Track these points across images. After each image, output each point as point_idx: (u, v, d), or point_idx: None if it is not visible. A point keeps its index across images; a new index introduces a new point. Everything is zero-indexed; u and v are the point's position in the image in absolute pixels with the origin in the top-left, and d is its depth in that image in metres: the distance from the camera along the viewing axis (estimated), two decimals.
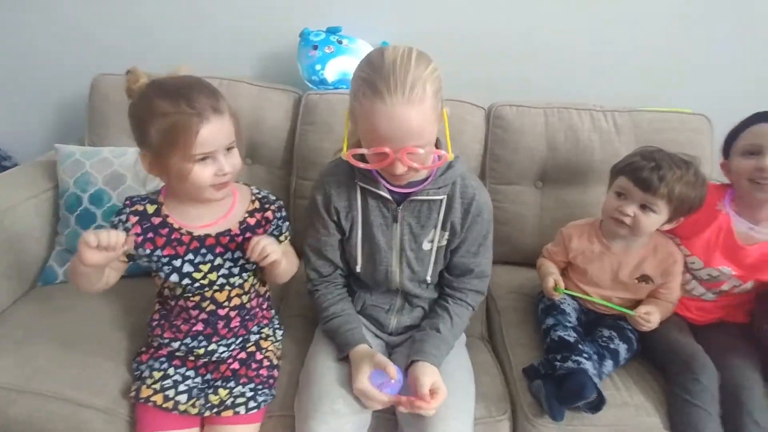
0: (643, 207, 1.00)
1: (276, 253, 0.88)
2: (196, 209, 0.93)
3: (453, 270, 1.02)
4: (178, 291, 0.94)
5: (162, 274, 0.93)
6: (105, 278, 0.91)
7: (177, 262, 0.92)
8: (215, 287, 0.94)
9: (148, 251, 0.91)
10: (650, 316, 1.02)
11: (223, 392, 0.95)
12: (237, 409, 0.93)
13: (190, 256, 0.92)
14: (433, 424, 0.86)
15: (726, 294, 1.11)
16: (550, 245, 1.21)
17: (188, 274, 0.92)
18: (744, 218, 1.06)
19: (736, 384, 0.98)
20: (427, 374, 0.87)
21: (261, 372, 0.99)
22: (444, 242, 0.98)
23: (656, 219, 1.01)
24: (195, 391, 0.95)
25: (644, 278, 1.08)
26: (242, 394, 0.95)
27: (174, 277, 0.92)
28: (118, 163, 1.26)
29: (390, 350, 1.05)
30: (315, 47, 1.40)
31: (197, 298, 0.95)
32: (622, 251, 1.10)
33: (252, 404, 0.94)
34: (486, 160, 1.37)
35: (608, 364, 1.03)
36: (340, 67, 1.39)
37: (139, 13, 1.53)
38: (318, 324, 1.08)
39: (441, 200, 0.95)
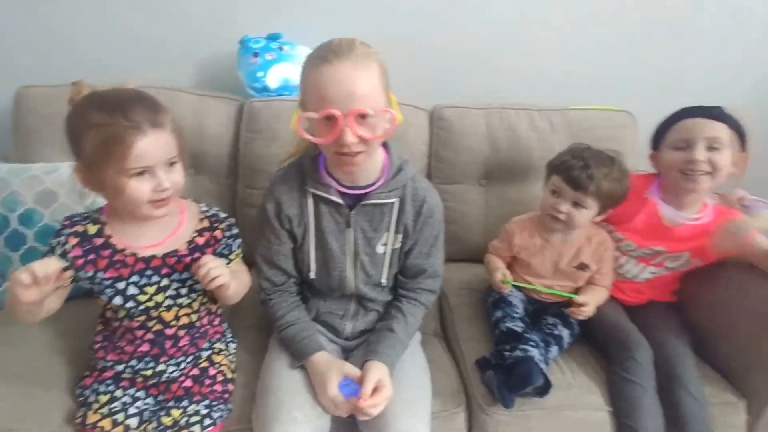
0: (576, 204, 1.08)
1: (224, 276, 0.85)
2: (140, 228, 0.89)
3: (407, 271, 1.04)
4: (122, 313, 0.91)
5: (104, 297, 0.89)
6: (46, 307, 0.85)
7: (120, 285, 0.88)
8: (162, 308, 0.91)
9: (89, 274, 0.87)
10: (586, 307, 1.09)
11: (176, 412, 0.92)
12: (192, 429, 0.90)
13: (135, 278, 0.88)
14: (390, 423, 0.87)
15: (657, 276, 1.20)
16: (496, 241, 1.26)
17: (132, 297, 0.89)
18: (669, 205, 1.15)
19: (669, 359, 1.06)
20: (375, 371, 0.89)
21: (215, 387, 0.97)
22: (398, 245, 1.00)
23: (588, 214, 1.09)
24: (146, 413, 0.92)
25: (582, 266, 1.15)
26: (197, 413, 0.92)
27: (117, 300, 0.89)
28: (50, 180, 1.19)
29: (346, 355, 1.06)
30: (256, 54, 1.38)
31: (142, 318, 0.91)
32: (561, 243, 1.16)
33: (207, 422, 0.91)
34: (431, 161, 1.41)
35: (554, 349, 1.09)
36: (283, 73, 1.39)
37: (65, 22, 1.45)
38: (272, 334, 1.07)
39: (393, 203, 0.96)
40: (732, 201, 1.18)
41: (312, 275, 1.00)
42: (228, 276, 0.87)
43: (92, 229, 0.88)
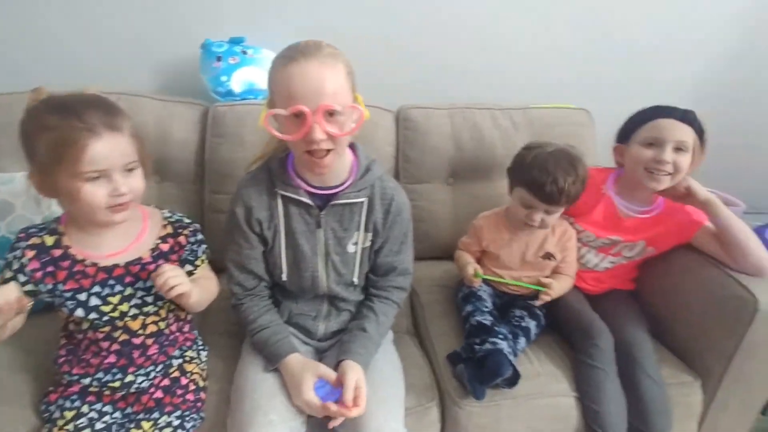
0: (547, 212, 1.12)
1: (183, 285, 0.84)
2: (100, 236, 0.87)
3: (377, 270, 1.05)
4: (85, 325, 0.89)
5: (66, 310, 0.87)
6: (10, 327, 0.82)
7: (82, 296, 0.86)
8: (127, 318, 0.89)
9: (49, 286, 0.85)
10: (551, 290, 1.14)
11: (146, 425, 0.90)
12: None
13: (97, 289, 0.86)
14: (364, 422, 0.88)
15: (617, 265, 1.25)
16: (465, 238, 1.29)
17: (95, 308, 0.87)
18: (623, 198, 1.20)
19: (628, 344, 1.11)
20: (351, 372, 0.90)
21: (187, 397, 0.95)
22: (368, 243, 1.01)
23: (557, 215, 1.15)
24: (114, 427, 0.89)
25: (547, 255, 1.20)
26: (168, 424, 0.91)
27: (80, 312, 0.86)
28: (6, 191, 1.15)
29: (319, 356, 1.06)
30: (219, 58, 1.37)
31: (107, 329, 0.89)
32: (527, 235, 1.20)
33: None
34: (399, 161, 1.43)
35: (522, 341, 1.12)
36: (247, 77, 1.38)
37: (20, 28, 1.40)
38: (244, 339, 1.07)
39: (362, 203, 0.97)
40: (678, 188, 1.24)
41: (284, 277, 1.00)
42: (188, 285, 0.86)
43: (49, 240, 0.86)
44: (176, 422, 0.91)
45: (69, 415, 0.89)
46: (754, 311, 1.03)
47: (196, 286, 0.89)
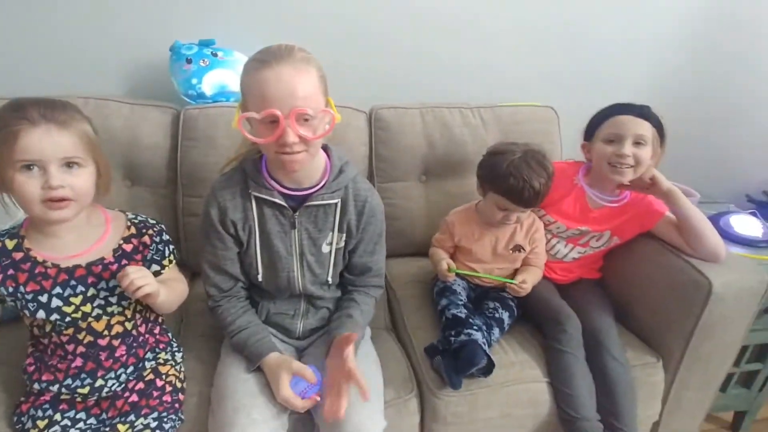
0: (523, 211, 1.17)
1: (149, 286, 0.84)
2: (60, 239, 0.86)
3: (353, 270, 1.08)
4: (48, 327, 0.88)
5: (27, 313, 0.86)
6: None
7: (43, 298, 0.85)
8: (90, 318, 0.88)
9: (10, 289, 0.85)
10: (525, 284, 1.18)
11: (122, 428, 0.88)
12: None
13: (58, 290, 0.86)
14: (347, 416, 0.89)
15: (584, 255, 1.31)
16: (438, 235, 1.32)
17: (57, 309, 0.86)
18: (594, 189, 1.26)
19: (595, 329, 1.17)
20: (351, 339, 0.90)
21: (164, 399, 0.95)
22: (342, 244, 1.03)
23: (530, 212, 1.21)
24: (89, 430, 0.89)
25: (517, 248, 1.24)
26: (146, 426, 0.90)
27: (41, 314, 0.86)
28: None
29: (299, 355, 1.08)
30: (189, 61, 1.36)
31: (71, 331, 0.88)
32: (497, 229, 1.24)
33: None
34: (372, 161, 1.45)
35: (496, 331, 1.16)
36: (218, 79, 1.38)
37: None
38: (223, 341, 1.07)
39: (336, 204, 0.99)
40: (644, 179, 1.30)
41: (260, 278, 1.01)
42: (154, 285, 0.85)
43: (10, 243, 0.86)
44: (154, 424, 0.90)
45: (42, 424, 0.87)
46: (708, 293, 1.10)
47: (163, 287, 0.89)
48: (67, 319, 0.87)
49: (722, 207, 1.71)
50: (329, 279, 1.04)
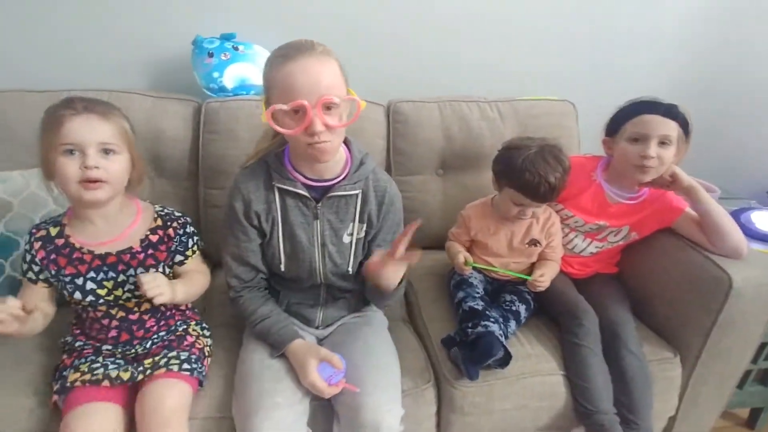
0: (538, 206, 1.17)
1: (163, 296, 0.89)
2: (95, 226, 0.95)
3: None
4: (85, 303, 0.96)
5: (66, 293, 0.95)
6: (28, 329, 0.88)
7: (79, 281, 0.94)
8: (121, 302, 0.97)
9: (53, 272, 0.94)
10: (542, 278, 1.18)
11: (157, 357, 0.98)
12: (171, 366, 0.95)
13: (92, 274, 0.94)
14: (364, 403, 0.93)
15: (602, 250, 1.31)
16: (454, 228, 1.33)
17: (92, 291, 0.95)
18: (612, 185, 1.25)
19: (612, 323, 1.17)
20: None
21: (193, 350, 1.01)
22: (362, 234, 1.04)
23: (546, 206, 1.21)
24: (124, 364, 0.97)
25: (533, 242, 1.24)
26: (176, 357, 0.98)
27: (77, 295, 0.95)
28: (2, 190, 1.16)
29: (319, 344, 1.09)
30: (210, 54, 1.38)
31: (104, 308, 0.97)
32: (513, 224, 1.25)
33: (186, 366, 0.96)
34: (390, 154, 1.46)
35: (512, 324, 1.17)
36: (239, 73, 1.40)
37: (13, 25, 1.40)
38: (244, 330, 1.10)
39: (357, 195, 1.01)
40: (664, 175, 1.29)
41: (282, 267, 1.03)
42: (169, 294, 0.90)
43: (54, 231, 0.95)
44: (184, 356, 0.98)
45: (84, 367, 0.95)
46: (728, 289, 1.09)
47: (181, 285, 0.95)
48: (101, 300, 0.95)
49: (743, 203, 1.68)
50: (350, 269, 1.06)
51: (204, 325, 1.12)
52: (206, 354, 1.05)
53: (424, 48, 1.61)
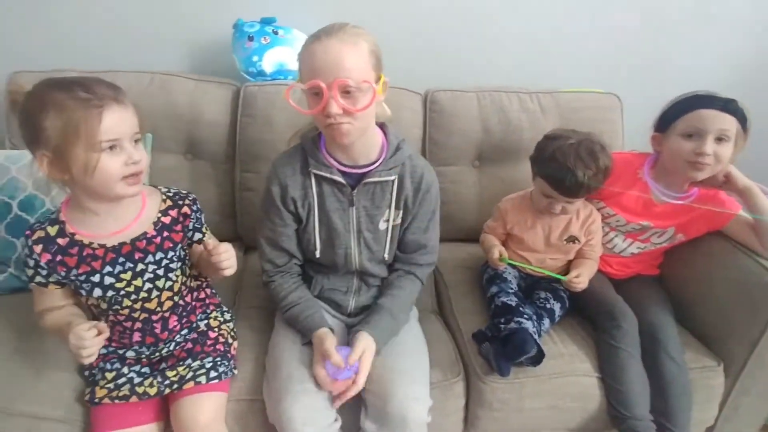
0: (568, 202, 1.13)
1: (232, 269, 0.90)
2: (101, 217, 0.87)
3: (406, 247, 1.08)
4: (104, 305, 0.91)
5: (83, 292, 0.89)
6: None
7: (95, 278, 0.88)
8: (143, 293, 0.91)
9: (63, 273, 0.87)
10: (580, 278, 1.14)
11: (181, 369, 0.96)
12: (198, 380, 0.94)
13: (108, 269, 0.88)
14: (392, 391, 0.92)
15: (644, 251, 1.26)
16: (490, 221, 1.30)
17: (111, 286, 0.89)
18: (659, 183, 1.19)
19: (652, 326, 1.12)
20: (360, 341, 0.95)
21: (217, 347, 1.01)
22: (398, 221, 1.03)
23: (578, 203, 1.16)
24: (151, 376, 0.96)
25: (571, 239, 1.21)
26: (201, 366, 0.96)
27: (97, 292, 0.89)
28: (17, 170, 1.17)
29: (349, 330, 1.09)
30: (251, 38, 1.39)
31: (126, 311, 0.92)
32: (551, 219, 1.21)
33: (213, 374, 0.95)
34: (425, 144, 1.44)
35: (546, 322, 1.14)
36: (278, 58, 1.40)
37: (59, 7, 1.43)
38: (276, 313, 1.11)
39: (392, 180, 1.00)
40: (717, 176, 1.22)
41: (317, 254, 1.03)
42: (235, 268, 0.90)
43: (52, 230, 0.87)
44: (209, 365, 0.97)
45: (110, 376, 0.95)
46: None
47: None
48: (122, 293, 0.90)
49: None
50: (386, 256, 1.05)
51: (224, 308, 1.11)
52: (231, 341, 1.04)
53: (464, 36, 1.57)
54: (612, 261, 1.29)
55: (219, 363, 0.98)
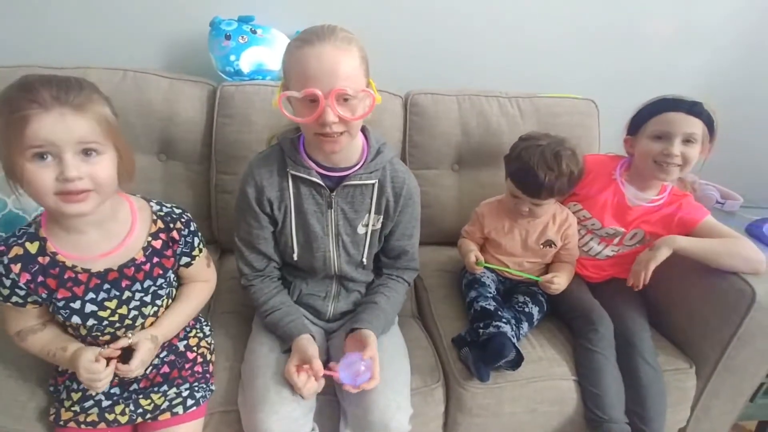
0: (534, 203, 1.14)
1: (145, 365, 0.86)
2: (85, 235, 0.79)
3: (390, 252, 1.07)
4: (83, 331, 0.84)
5: (61, 317, 0.82)
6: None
7: (76, 304, 0.80)
8: (127, 320, 0.85)
9: (44, 296, 0.79)
10: (556, 279, 1.15)
11: (155, 396, 0.90)
12: (175, 410, 0.90)
13: (92, 295, 0.80)
14: (373, 400, 0.91)
15: (618, 253, 1.28)
16: (467, 226, 1.30)
17: (93, 314, 0.81)
18: (632, 186, 1.22)
19: (628, 330, 1.14)
20: (371, 338, 0.93)
21: (196, 369, 0.96)
22: (378, 226, 1.02)
23: (546, 207, 1.17)
24: (121, 401, 0.90)
25: (548, 243, 1.22)
26: (178, 395, 0.92)
27: (75, 319, 0.81)
28: None
29: (328, 336, 1.08)
30: (228, 37, 1.35)
31: (107, 338, 0.86)
32: (527, 223, 1.22)
33: (190, 402, 0.91)
34: (405, 146, 1.43)
35: (525, 326, 1.15)
36: (256, 57, 1.37)
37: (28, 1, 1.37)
38: (254, 318, 1.08)
39: (373, 185, 0.98)
40: (687, 183, 1.25)
41: (295, 257, 1.01)
42: (148, 362, 0.87)
43: (32, 247, 0.78)
44: (185, 393, 0.92)
45: (75, 396, 0.88)
46: (751, 302, 1.06)
47: (168, 322, 0.90)
48: (105, 323, 0.83)
49: (766, 212, 1.64)
50: (364, 260, 1.04)
51: (202, 320, 1.06)
52: (209, 357, 1.00)
53: (445, 39, 1.57)
54: (587, 264, 1.30)
55: (196, 388, 0.94)
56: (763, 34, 1.69)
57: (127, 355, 0.84)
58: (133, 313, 0.85)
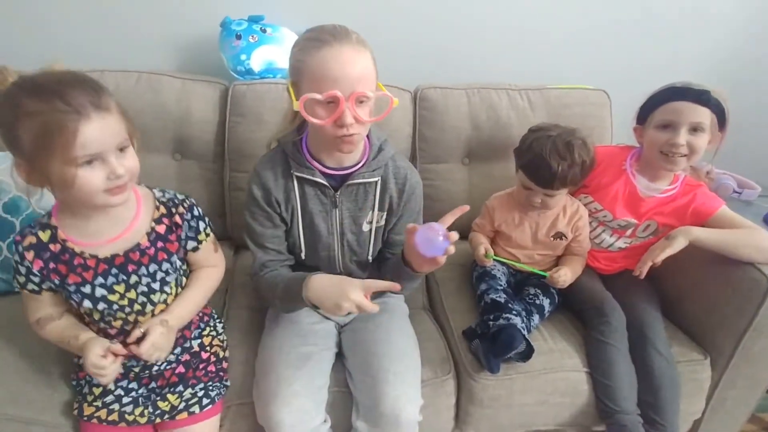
0: (546, 194, 1.14)
1: (163, 351, 0.85)
2: (95, 223, 0.83)
3: (393, 247, 1.07)
4: (96, 316, 0.88)
5: (74, 303, 0.86)
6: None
7: (86, 289, 0.84)
8: (137, 305, 0.88)
9: (57, 281, 0.84)
10: (561, 272, 1.14)
11: (172, 398, 0.94)
12: (192, 410, 0.93)
13: (101, 280, 0.84)
14: (384, 392, 0.93)
15: (630, 245, 1.27)
16: (478, 219, 1.31)
17: (102, 298, 0.85)
18: (644, 176, 1.21)
19: (640, 322, 1.14)
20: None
21: (209, 369, 0.99)
22: (382, 222, 1.03)
23: (559, 197, 1.16)
24: (141, 399, 0.93)
25: (558, 235, 1.21)
26: (194, 395, 0.95)
27: (87, 304, 0.85)
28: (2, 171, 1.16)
29: (339, 330, 1.10)
30: (238, 37, 1.37)
31: (119, 324, 0.89)
32: (538, 215, 1.22)
33: (206, 401, 0.94)
34: (415, 141, 1.44)
35: (535, 318, 1.15)
36: (266, 56, 1.38)
37: (43, 3, 1.40)
38: (267, 313, 1.11)
39: (376, 182, 0.99)
40: (701, 173, 1.23)
41: (303, 256, 1.03)
42: (168, 348, 0.86)
43: (44, 236, 0.83)
44: (201, 393, 0.95)
45: (97, 391, 0.92)
46: (766, 292, 1.05)
47: (179, 309, 0.91)
48: (115, 306, 0.86)
49: None
50: (369, 257, 1.05)
51: (215, 317, 1.08)
52: (222, 357, 1.02)
53: (454, 33, 1.57)
54: (599, 256, 1.30)
55: (211, 387, 0.96)
56: None
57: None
58: (142, 298, 0.88)
